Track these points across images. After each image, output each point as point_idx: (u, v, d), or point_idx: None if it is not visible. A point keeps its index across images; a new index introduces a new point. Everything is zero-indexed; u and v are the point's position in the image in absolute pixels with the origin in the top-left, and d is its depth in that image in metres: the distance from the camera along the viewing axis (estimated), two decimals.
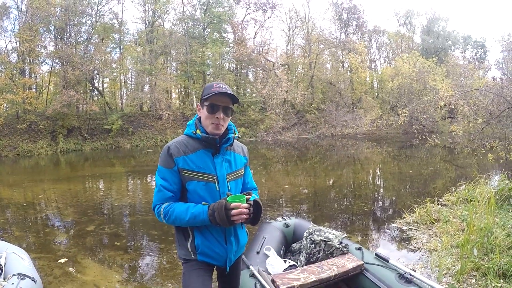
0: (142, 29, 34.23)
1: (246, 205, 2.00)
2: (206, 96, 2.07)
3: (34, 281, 3.22)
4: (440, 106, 14.62)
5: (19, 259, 3.57)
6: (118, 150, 24.81)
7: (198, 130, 2.14)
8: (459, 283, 3.94)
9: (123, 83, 34.22)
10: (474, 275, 4.02)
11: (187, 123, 2.24)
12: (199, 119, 2.21)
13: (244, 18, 36.29)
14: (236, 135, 2.29)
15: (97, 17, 30.85)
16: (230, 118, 2.20)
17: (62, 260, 5.22)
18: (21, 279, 3.11)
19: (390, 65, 42.85)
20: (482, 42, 49.35)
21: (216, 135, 2.13)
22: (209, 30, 36.29)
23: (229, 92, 2.07)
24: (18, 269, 3.33)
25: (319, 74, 36.96)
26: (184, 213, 2.01)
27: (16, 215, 7.99)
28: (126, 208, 8.84)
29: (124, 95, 34.61)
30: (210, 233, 2.13)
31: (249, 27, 37.57)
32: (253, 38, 36.98)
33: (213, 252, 2.15)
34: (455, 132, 11.49)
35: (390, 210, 8.38)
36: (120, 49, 33.26)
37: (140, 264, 5.20)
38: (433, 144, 12.33)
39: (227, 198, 1.98)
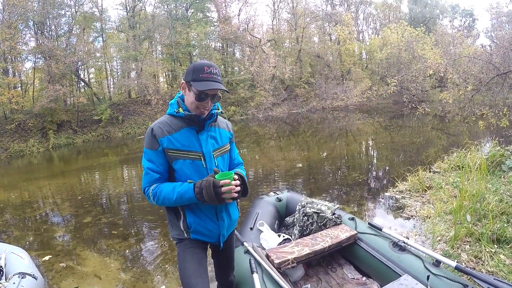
0: (123, 15, 33.51)
1: (236, 182, 2.02)
2: (197, 85, 2.00)
3: (35, 278, 3.25)
4: (430, 75, 14.64)
5: (18, 259, 3.59)
6: (110, 139, 24.57)
7: (180, 109, 2.12)
8: (453, 249, 3.99)
9: (109, 72, 33.66)
10: (468, 241, 4.06)
11: (169, 103, 2.23)
12: (182, 97, 2.19)
13: None
14: (219, 110, 2.27)
15: (77, 7, 30.08)
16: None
17: (62, 255, 5.24)
18: (22, 277, 3.14)
19: (378, 36, 42.48)
20: (470, 11, 48.88)
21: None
22: (192, 10, 35.66)
23: (221, 87, 2.04)
24: (19, 268, 3.35)
25: (307, 48, 36.59)
26: (171, 193, 2.01)
27: (13, 216, 7.91)
28: (122, 196, 8.85)
29: (111, 83, 34.13)
30: (201, 211, 2.15)
31: (232, 4, 37.24)
32: (238, 16, 36.43)
33: (205, 229, 2.17)
34: (445, 100, 11.54)
35: (383, 179, 8.46)
36: (102, 38, 32.73)
37: (139, 250, 5.22)
38: (423, 112, 12.39)
39: (215, 176, 1.98)
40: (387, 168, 9.77)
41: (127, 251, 5.20)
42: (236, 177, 2.04)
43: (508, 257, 3.60)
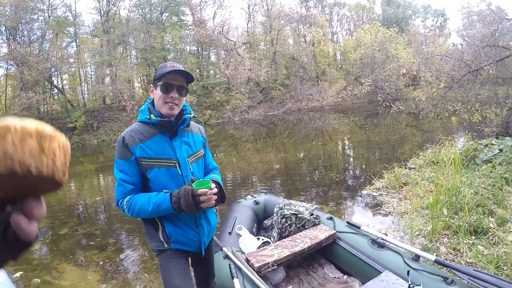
0: (97, 20, 32.77)
1: (214, 190, 1.97)
2: (159, 76, 1.98)
3: None
4: (403, 74, 14.89)
5: None
6: (85, 147, 23.88)
7: (152, 115, 2.06)
8: (431, 242, 4.06)
9: (82, 78, 32.70)
10: (446, 234, 4.15)
11: (139, 109, 2.15)
12: (152, 103, 2.13)
13: None
14: (191, 115, 2.21)
15: (50, 12, 29.22)
16: (184, 98, 2.13)
17: (39, 269, 5.06)
18: None
19: (352, 37, 43.00)
20: (442, 11, 50.30)
21: (171, 117, 2.07)
22: (167, 14, 35.30)
23: (181, 70, 2.01)
24: None
25: (282, 50, 36.70)
26: (146, 204, 1.94)
27: None
28: (99, 206, 8.67)
29: (85, 90, 33.17)
30: (179, 219, 2.08)
31: (207, 7, 36.97)
32: (213, 19, 36.26)
33: (186, 238, 2.12)
34: (418, 98, 11.76)
35: (360, 177, 8.55)
36: (76, 43, 31.75)
37: (118, 260, 5.08)
38: (397, 110, 12.63)
39: (192, 184, 1.93)
40: (363, 166, 9.86)
41: (106, 262, 5.05)
42: (213, 185, 1.99)
43: (486, 247, 3.68)
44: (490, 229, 3.95)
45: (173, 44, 33.21)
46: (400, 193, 6.27)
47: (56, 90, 30.03)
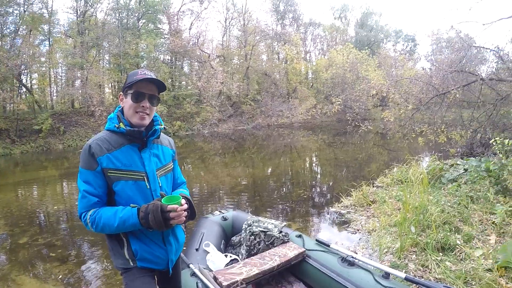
0: (73, 20, 31.84)
1: (184, 206, 1.88)
2: (130, 83, 1.90)
3: None
4: (372, 95, 15.21)
5: None
6: (50, 151, 23.03)
7: (121, 124, 1.94)
8: (400, 259, 4.11)
9: (52, 79, 31.74)
10: (414, 251, 4.23)
11: (108, 117, 2.04)
12: (122, 111, 2.02)
13: (180, 8, 35.31)
14: (162, 126, 2.12)
15: (26, 7, 27.99)
16: (156, 108, 2.05)
17: None
18: None
19: (324, 57, 43.99)
20: (412, 36, 52.49)
21: (141, 127, 1.98)
22: (143, 20, 34.97)
23: (154, 78, 1.93)
24: None
25: (255, 65, 37.03)
26: (112, 218, 1.82)
27: None
28: (61, 214, 8.26)
29: (54, 91, 32.15)
30: (146, 236, 1.97)
31: (185, 17, 36.77)
32: (189, 29, 36.21)
33: (153, 256, 2.00)
34: (387, 118, 12.03)
35: (328, 195, 8.58)
36: (49, 42, 30.60)
37: (79, 274, 4.83)
38: (366, 130, 12.85)
39: (162, 200, 1.84)
40: (331, 183, 9.95)
41: (67, 275, 4.80)
42: (183, 201, 1.90)
43: (454, 263, 3.77)
44: (457, 246, 4.06)
45: (147, 51, 32.92)
46: (368, 211, 6.34)
47: (24, 89, 28.82)
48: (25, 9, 28.06)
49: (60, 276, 4.76)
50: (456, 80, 9.78)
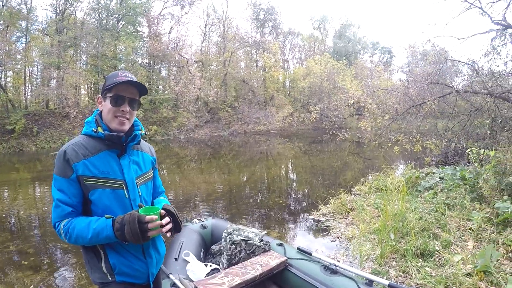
0: (52, 17, 30.97)
1: (166, 219, 1.78)
2: (110, 86, 1.79)
3: None
4: (349, 104, 15.44)
5: None
6: (22, 153, 22.26)
7: (99, 128, 1.83)
8: (381, 266, 4.16)
9: (27, 77, 30.82)
10: (394, 257, 4.30)
11: (85, 121, 1.91)
12: (100, 114, 1.90)
13: (161, 12, 35.04)
14: (142, 132, 2.02)
15: (4, 1, 27.28)
16: (136, 112, 1.93)
17: None
18: None
19: (302, 66, 44.45)
20: (389, 49, 54.12)
21: (120, 132, 1.86)
22: (123, 22, 34.41)
23: (136, 81, 1.83)
24: None
25: (233, 72, 37.11)
26: (85, 230, 1.69)
27: None
28: (33, 220, 7.91)
29: (29, 90, 31.14)
30: (124, 249, 1.85)
31: (165, 21, 36.58)
32: (169, 33, 36.00)
33: (132, 269, 1.87)
34: (364, 127, 12.25)
35: (306, 202, 8.62)
36: (26, 39, 29.68)
37: (54, 283, 4.65)
38: (343, 139, 13.03)
39: (139, 210, 1.72)
40: (308, 191, 10.00)
41: (40, 284, 4.61)
42: (162, 212, 1.79)
43: (433, 269, 3.85)
44: (436, 252, 4.15)
45: (125, 54, 32.50)
46: (346, 219, 6.39)
47: None
48: (3, 4, 27.31)
49: (33, 286, 4.58)
50: (432, 91, 10.03)
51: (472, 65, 9.69)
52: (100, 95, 1.87)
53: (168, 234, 1.80)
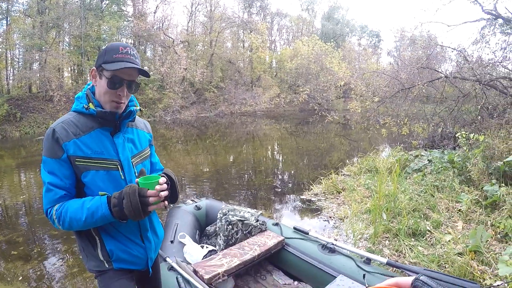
0: None
1: (164, 186, 1.63)
2: (109, 66, 1.62)
3: None
4: (338, 86, 15.50)
5: None
6: (6, 139, 21.64)
7: (91, 104, 1.70)
8: (375, 245, 4.26)
9: (9, 61, 30.05)
10: (387, 237, 4.43)
11: (75, 96, 1.78)
12: (92, 90, 1.78)
13: None
14: (137, 107, 1.90)
15: None
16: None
17: None
18: None
19: (289, 47, 44.12)
20: (377, 32, 53.89)
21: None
22: (107, 1, 33.51)
23: (139, 67, 1.69)
24: None
25: (220, 53, 36.63)
26: (79, 211, 1.57)
27: None
28: (21, 208, 7.75)
29: (11, 75, 30.50)
30: (121, 233, 1.77)
31: (150, 0, 35.92)
32: (154, 13, 35.15)
33: (130, 255, 1.80)
34: (353, 109, 12.35)
35: (294, 183, 8.68)
36: (7, 21, 28.61)
37: (45, 272, 4.61)
38: (331, 120, 13.10)
39: (138, 181, 1.60)
40: (296, 172, 10.09)
41: (32, 274, 4.56)
42: (162, 180, 1.64)
43: (425, 248, 3.97)
44: (427, 232, 4.28)
45: (109, 34, 31.85)
46: (338, 199, 6.50)
47: None
48: None
49: (25, 276, 4.54)
50: (421, 76, 10.11)
51: (462, 52, 9.77)
52: (95, 68, 1.71)
53: (165, 202, 1.66)
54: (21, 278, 4.49)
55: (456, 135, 7.16)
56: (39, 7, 28.89)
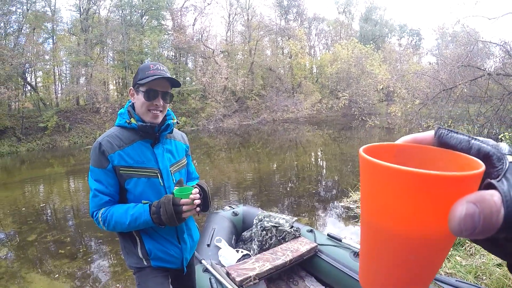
0: (76, 17, 31.89)
1: (197, 195, 1.80)
2: (143, 81, 1.81)
3: None
4: (378, 89, 15.18)
5: None
6: (56, 149, 22.97)
7: (132, 119, 1.89)
8: None
9: (57, 77, 31.45)
10: None
11: (118, 112, 1.97)
12: (133, 106, 1.96)
13: (183, 4, 35.24)
14: (175, 121, 2.06)
15: (28, 5, 28.18)
16: (168, 104, 1.97)
17: (6, 278, 4.79)
18: None
19: (329, 51, 43.73)
20: (417, 31, 52.46)
21: (154, 124, 1.91)
22: (147, 17, 34.88)
23: (168, 76, 1.87)
24: None
25: (259, 61, 36.85)
26: (123, 216, 1.77)
27: None
28: (69, 211, 8.25)
29: (59, 89, 31.87)
30: (159, 234, 1.93)
31: (188, 13, 36.56)
32: (193, 25, 36.02)
33: (167, 255, 1.95)
34: (394, 113, 12.02)
35: (335, 190, 8.59)
36: (53, 39, 30.55)
37: (89, 271, 4.88)
38: (372, 125, 12.82)
39: (174, 191, 1.79)
40: (338, 178, 9.96)
41: (77, 272, 4.83)
42: (195, 190, 1.82)
43: (464, 258, 3.81)
44: (466, 241, 4.08)
45: (151, 48, 32.88)
46: None
47: (29, 87, 28.81)
48: (28, 8, 28.11)
49: (71, 273, 4.79)
50: (463, 75, 9.75)
51: (504, 46, 9.34)
52: (132, 87, 1.94)
53: (197, 209, 1.83)
54: (67, 274, 4.77)
55: (499, 137, 6.84)
56: (82, 26, 30.36)
